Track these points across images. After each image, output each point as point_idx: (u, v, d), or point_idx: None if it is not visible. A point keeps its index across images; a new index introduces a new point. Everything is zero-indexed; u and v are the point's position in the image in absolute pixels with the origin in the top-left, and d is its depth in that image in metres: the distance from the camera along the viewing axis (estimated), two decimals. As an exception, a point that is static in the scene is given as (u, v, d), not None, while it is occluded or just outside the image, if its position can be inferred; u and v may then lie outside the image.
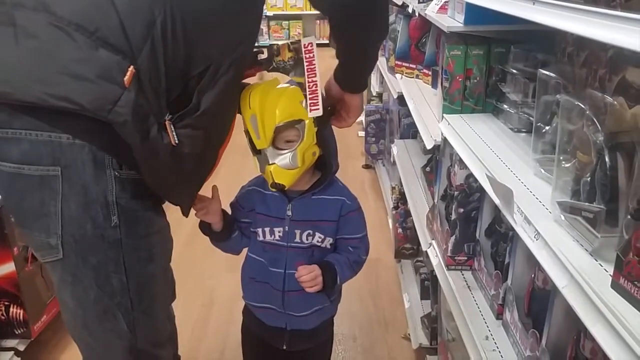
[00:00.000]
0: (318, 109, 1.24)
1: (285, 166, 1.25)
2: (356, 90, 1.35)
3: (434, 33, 2.25)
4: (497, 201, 1.10)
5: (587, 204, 0.84)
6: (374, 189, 3.53)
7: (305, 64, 1.24)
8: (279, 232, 1.35)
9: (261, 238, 1.37)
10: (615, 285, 0.74)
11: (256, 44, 1.26)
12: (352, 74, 1.31)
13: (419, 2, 1.99)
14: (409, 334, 2.16)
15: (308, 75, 1.23)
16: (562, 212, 0.92)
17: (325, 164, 1.34)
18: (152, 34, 0.99)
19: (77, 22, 0.96)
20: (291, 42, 1.32)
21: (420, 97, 2.12)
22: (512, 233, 1.27)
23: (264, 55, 1.32)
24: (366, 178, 3.69)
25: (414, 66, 2.40)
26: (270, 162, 1.24)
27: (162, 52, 1.00)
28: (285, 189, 1.29)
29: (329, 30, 1.37)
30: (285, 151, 1.24)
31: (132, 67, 0.97)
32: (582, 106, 0.83)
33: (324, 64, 1.28)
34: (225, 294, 2.51)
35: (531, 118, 1.34)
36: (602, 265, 0.81)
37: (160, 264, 1.17)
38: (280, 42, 1.34)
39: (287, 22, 8.55)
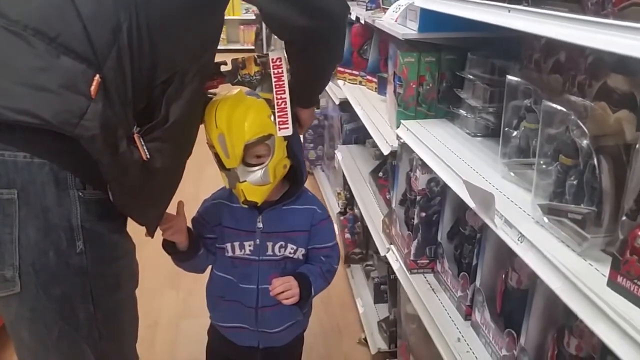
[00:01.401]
0: (287, 127, 1.20)
1: (257, 183, 1.20)
2: (308, 106, 1.33)
3: (376, 40, 2.28)
4: (472, 205, 1.11)
5: (573, 206, 0.87)
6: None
7: (274, 79, 1.19)
8: (250, 245, 1.30)
9: (230, 253, 1.31)
10: (612, 284, 0.77)
11: None
12: (306, 91, 1.28)
13: (366, 10, 2.01)
14: (364, 339, 2.17)
15: (277, 92, 1.19)
16: (545, 215, 0.94)
17: (294, 173, 1.31)
18: (118, 40, 0.91)
19: (35, 27, 0.87)
20: (258, 56, 1.27)
21: (367, 103, 2.13)
22: (479, 235, 1.30)
23: (228, 67, 1.27)
24: (306, 184, 3.67)
25: (356, 73, 2.42)
26: (241, 180, 1.20)
27: (129, 59, 0.92)
28: (258, 205, 1.24)
29: (254, 37, 1.34)
30: (256, 168, 1.20)
31: (97, 76, 0.90)
32: (566, 111, 0.86)
33: None
34: (169, 312, 2.40)
35: (489, 123, 1.39)
36: (592, 265, 0.84)
37: (128, 290, 1.09)
38: (246, 55, 1.29)
39: (208, 27, 8.38)
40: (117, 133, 0.92)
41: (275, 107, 1.20)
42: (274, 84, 1.20)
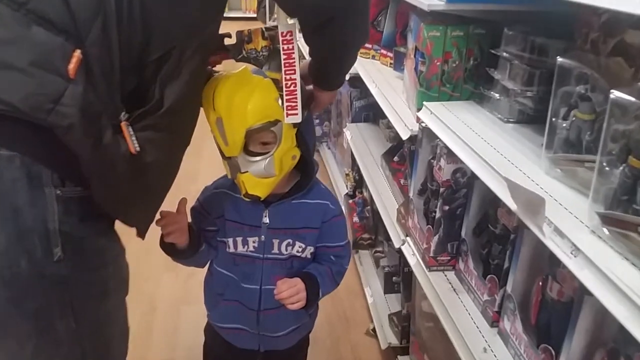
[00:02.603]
0: (296, 114, 1.04)
1: (260, 175, 1.05)
2: (329, 88, 1.17)
3: (393, 10, 2.10)
4: (514, 207, 0.97)
5: (648, 219, 0.73)
6: (320, 174, 3.37)
7: (283, 57, 1.03)
8: (254, 242, 1.16)
9: (232, 249, 1.17)
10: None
11: None
12: (326, 73, 1.12)
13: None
14: (372, 330, 2.05)
15: (286, 71, 1.03)
16: (606, 226, 0.80)
17: (305, 163, 1.16)
18: (104, 7, 0.75)
19: None
20: (266, 28, 1.10)
21: (382, 80, 1.97)
22: (513, 236, 1.16)
23: (232, 40, 1.10)
24: (310, 162, 3.52)
25: (369, 46, 2.24)
26: (243, 171, 1.05)
27: (116, 31, 0.77)
28: (261, 199, 1.10)
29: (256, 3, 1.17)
30: (259, 157, 1.05)
31: (78, 51, 0.74)
32: (645, 105, 0.70)
33: None
34: (167, 298, 2.28)
35: (527, 108, 1.23)
36: (670, 292, 0.71)
37: (116, 300, 0.95)
38: (252, 27, 1.12)
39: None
40: (100, 121, 0.77)
41: (284, 89, 1.04)
42: (282, 61, 1.04)
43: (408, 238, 1.62)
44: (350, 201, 2.43)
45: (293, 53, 1.03)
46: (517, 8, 1.31)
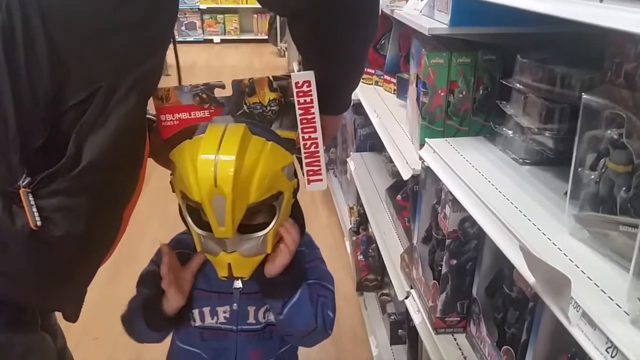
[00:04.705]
0: (321, 179, 0.90)
1: (250, 254, 0.88)
2: (337, 112, 1.00)
3: (396, 34, 1.93)
4: (531, 280, 0.78)
5: None
6: (325, 203, 3.19)
7: (299, 112, 0.87)
8: (225, 312, 0.98)
9: (198, 322, 0.99)
10: None
11: (191, 39, 0.85)
12: (330, 92, 0.93)
13: (386, -3, 1.66)
14: (377, 385, 1.85)
15: (303, 129, 0.87)
16: (655, 319, 0.61)
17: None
18: None
19: None
20: (274, 77, 0.92)
21: (384, 109, 1.80)
22: (532, 304, 0.96)
23: (226, 92, 0.91)
24: (316, 191, 3.35)
25: (372, 71, 2.08)
26: (230, 251, 0.86)
27: (6, 71, 0.61)
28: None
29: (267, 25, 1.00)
30: (253, 236, 0.87)
31: None
32: None
33: (264, 60, 0.91)
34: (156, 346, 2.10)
35: (545, 150, 1.04)
36: None
37: None
38: (255, 76, 0.92)
39: (222, 15, 8.03)
40: None
41: (302, 150, 0.88)
42: (299, 118, 0.88)
43: (412, 290, 1.43)
44: (354, 238, 2.25)
45: (312, 107, 0.87)
46: (531, 31, 1.13)
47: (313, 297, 0.97)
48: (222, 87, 0.92)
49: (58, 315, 0.90)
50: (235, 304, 0.98)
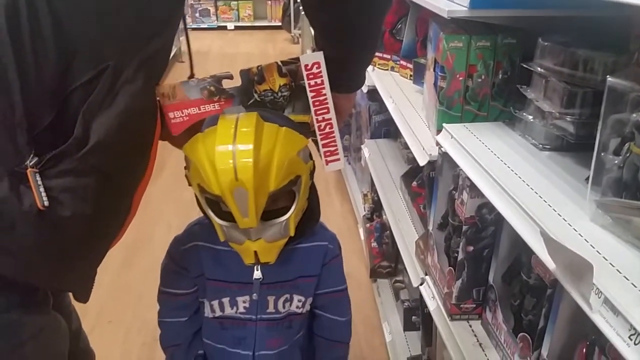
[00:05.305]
0: (338, 159, 0.89)
1: (275, 239, 0.87)
2: (351, 90, 0.98)
3: (413, 17, 1.90)
4: (551, 266, 0.77)
5: None
6: (339, 190, 3.18)
7: (310, 94, 0.86)
8: (244, 302, 0.98)
9: (218, 313, 0.99)
10: None
11: (205, 26, 0.83)
12: (346, 68, 0.91)
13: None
14: (391, 371, 1.85)
15: (317, 112, 0.86)
16: (680, 306, 0.59)
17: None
18: None
19: None
20: (282, 62, 0.90)
21: (400, 95, 1.78)
22: (550, 290, 0.95)
23: (236, 83, 0.90)
24: (330, 177, 3.34)
25: (388, 56, 2.05)
26: (255, 239, 0.86)
27: (11, 49, 0.60)
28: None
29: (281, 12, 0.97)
30: (275, 222, 0.86)
31: None
32: None
33: (278, 46, 0.88)
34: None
35: (567, 135, 1.02)
36: None
37: None
38: (264, 63, 0.90)
39: (235, 2, 7.99)
40: None
41: (317, 132, 0.88)
42: (311, 100, 0.87)
43: (427, 277, 1.42)
44: (368, 225, 2.24)
45: (323, 88, 0.86)
46: (553, 13, 1.10)
47: None
48: (230, 77, 0.90)
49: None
50: (255, 294, 0.98)
